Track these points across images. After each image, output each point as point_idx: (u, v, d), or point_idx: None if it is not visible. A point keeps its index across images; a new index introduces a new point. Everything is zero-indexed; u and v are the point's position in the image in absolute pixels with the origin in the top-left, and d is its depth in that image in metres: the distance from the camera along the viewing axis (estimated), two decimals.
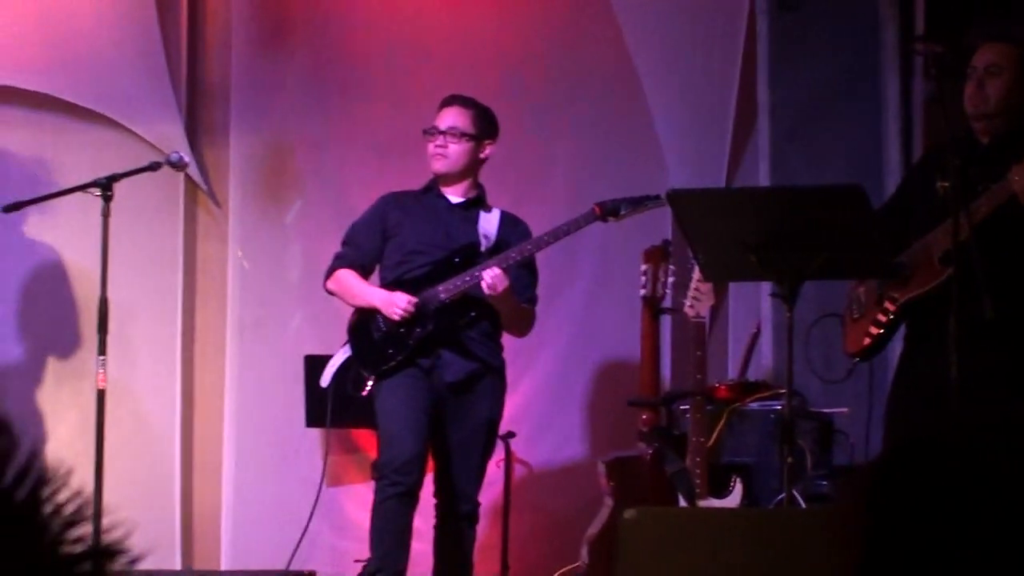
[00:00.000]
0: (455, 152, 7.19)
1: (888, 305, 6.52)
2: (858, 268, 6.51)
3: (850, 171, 7.89)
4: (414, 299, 7.04)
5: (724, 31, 8.53)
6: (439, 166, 7.19)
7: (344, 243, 7.38)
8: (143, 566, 1.40)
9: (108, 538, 1.19)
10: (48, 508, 1.16)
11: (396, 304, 7.00)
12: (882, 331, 6.63)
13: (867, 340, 6.67)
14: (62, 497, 1.17)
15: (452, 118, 7.23)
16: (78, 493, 1.19)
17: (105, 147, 8.43)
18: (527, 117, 8.45)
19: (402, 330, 7.02)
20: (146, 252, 8.56)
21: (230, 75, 8.87)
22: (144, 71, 8.71)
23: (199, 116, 8.86)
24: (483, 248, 7.20)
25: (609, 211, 7.19)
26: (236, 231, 8.73)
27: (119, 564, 1.19)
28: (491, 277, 6.97)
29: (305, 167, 8.85)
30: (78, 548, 1.17)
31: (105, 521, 1.23)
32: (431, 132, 7.21)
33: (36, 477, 1.16)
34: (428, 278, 7.08)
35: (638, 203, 7.35)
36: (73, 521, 1.16)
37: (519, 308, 7.24)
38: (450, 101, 7.38)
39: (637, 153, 8.51)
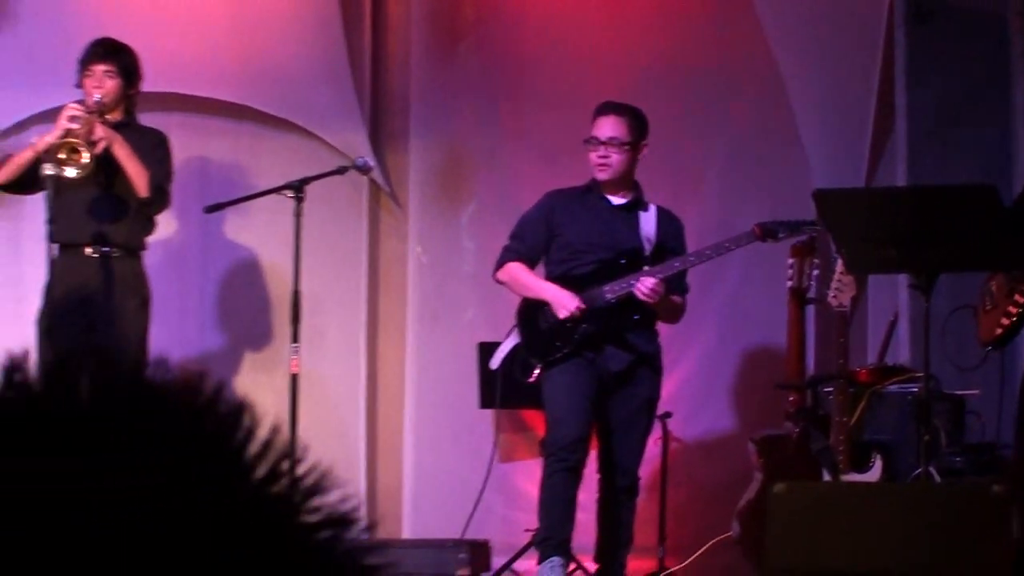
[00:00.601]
0: (617, 161, 7.29)
1: (1018, 297, 6.63)
2: (990, 262, 6.64)
3: (981, 171, 7.96)
4: (582, 304, 7.18)
5: (863, 41, 8.61)
6: (604, 176, 7.31)
7: (512, 237, 7.49)
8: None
9: (343, 508, 1.21)
10: (288, 480, 1.19)
11: (566, 306, 7.16)
12: (1013, 321, 6.71)
13: (999, 330, 6.75)
14: (301, 470, 1.21)
15: (611, 128, 7.31)
16: (315, 466, 1.22)
17: (296, 153, 8.77)
18: (683, 119, 8.61)
19: (569, 325, 7.17)
20: (334, 249, 8.85)
21: (410, 86, 9.19)
22: (331, 83, 9.02)
23: (381, 124, 9.17)
24: (647, 252, 7.33)
25: (768, 232, 7.37)
26: (415, 229, 9.06)
27: (354, 532, 1.21)
28: (648, 288, 7.14)
29: (478, 170, 9.12)
30: (316, 517, 1.19)
31: (340, 493, 1.24)
32: (592, 142, 7.31)
33: (277, 452, 1.19)
34: (594, 276, 7.23)
35: (795, 227, 7.51)
36: (311, 492, 1.19)
37: (672, 305, 7.35)
38: (605, 111, 7.44)
39: (782, 153, 8.73)
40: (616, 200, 7.32)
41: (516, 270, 7.39)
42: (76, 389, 1.16)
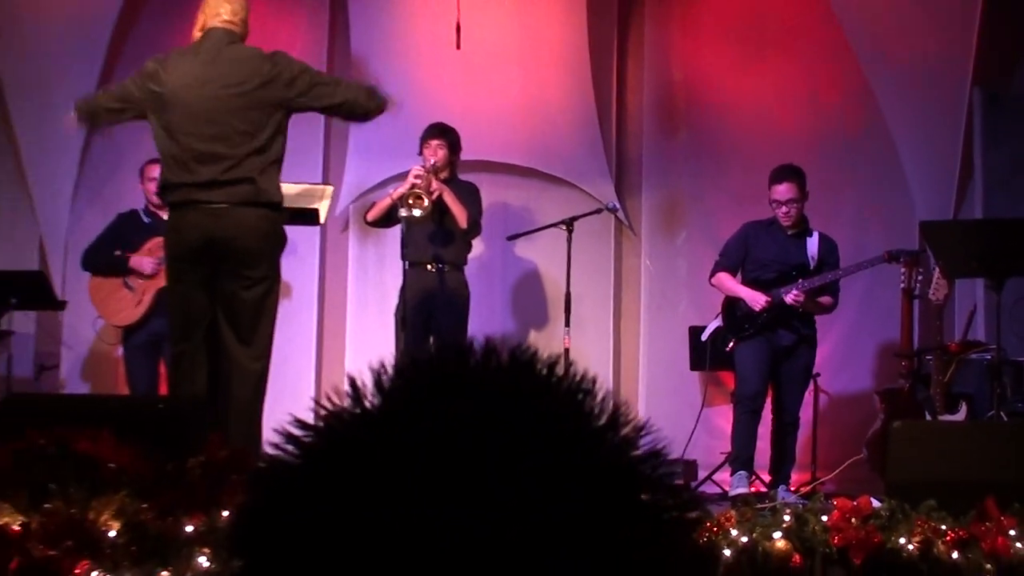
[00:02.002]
0: (795, 213, 7.90)
1: None
2: None
3: None
4: (769, 300, 7.76)
5: (952, 117, 9.11)
6: (788, 224, 7.90)
7: (721, 254, 8.12)
8: None
9: (656, 446, 1.19)
10: (623, 425, 1.18)
11: (758, 301, 7.78)
12: None
13: None
14: (628, 418, 1.19)
15: (788, 192, 7.90)
16: (636, 415, 1.20)
17: (567, 200, 9.44)
18: (828, 174, 9.03)
19: (756, 314, 7.82)
20: (591, 263, 9.51)
21: (642, 153, 9.88)
22: (590, 152, 9.76)
23: (623, 179, 9.89)
24: (811, 266, 7.92)
25: (893, 256, 7.95)
26: (646, 250, 9.76)
27: (664, 463, 1.19)
28: (793, 299, 7.78)
29: (689, 210, 9.78)
30: (641, 451, 1.18)
31: (653, 436, 1.22)
32: (776, 204, 7.91)
33: (613, 407, 1.18)
34: (774, 282, 7.85)
35: (911, 253, 8.07)
36: (637, 434, 1.18)
37: (821, 304, 7.92)
38: (780, 178, 7.98)
39: (895, 196, 9.33)
40: (790, 230, 7.93)
41: (723, 278, 8.04)
42: (486, 364, 1.18)
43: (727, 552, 4.82)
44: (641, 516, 1.11)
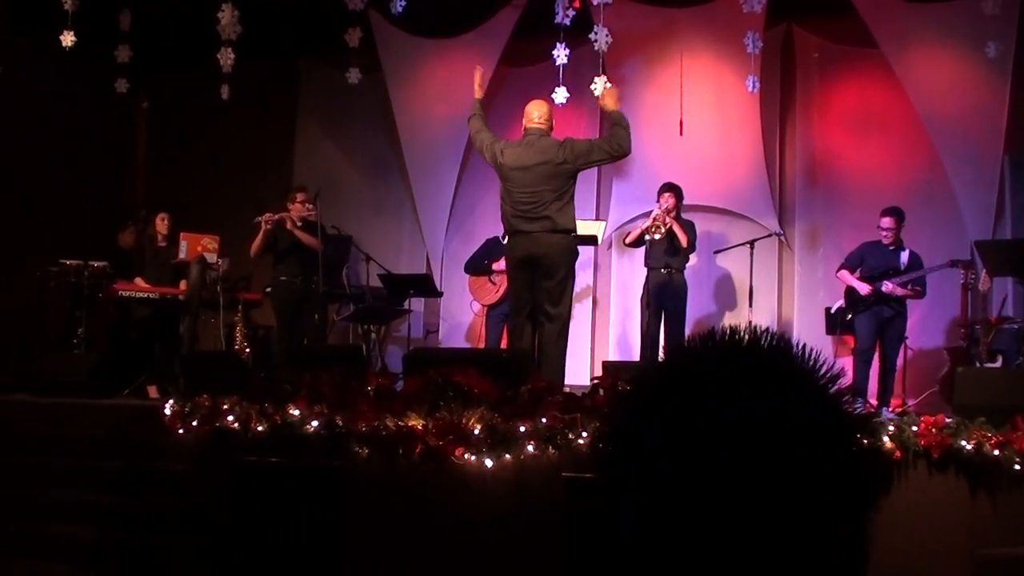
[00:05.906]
0: (893, 236, 8.69)
1: None
2: None
3: None
4: (872, 289, 8.49)
5: (989, 176, 9.56)
6: (888, 242, 8.68)
7: (845, 259, 8.94)
8: None
9: (845, 386, 1.18)
10: (827, 372, 1.17)
11: (864, 289, 8.58)
12: None
13: None
14: (829, 368, 1.18)
15: (890, 223, 8.69)
16: (835, 367, 1.18)
17: (747, 228, 10.13)
18: (909, 215, 8.95)
19: (866, 297, 8.60)
20: (764, 268, 10.00)
21: (796, 196, 10.44)
22: (762, 197, 10.31)
23: (783, 214, 10.46)
24: (902, 269, 8.71)
25: (955, 263, 8.79)
26: (798, 259, 10.36)
27: (853, 395, 1.18)
28: (890, 288, 8.50)
29: (824, 235, 10.25)
30: (837, 388, 1.17)
31: (842, 380, 1.20)
32: (881, 229, 8.65)
33: (825, 369, 1.18)
34: (878, 278, 8.66)
35: (966, 261, 8.74)
36: (845, 393, 1.17)
37: (910, 294, 8.60)
38: (886, 213, 8.70)
39: (955, 226, 9.75)
40: (890, 246, 8.82)
41: (844, 273, 8.91)
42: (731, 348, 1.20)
43: None
44: (841, 422, 1.17)
